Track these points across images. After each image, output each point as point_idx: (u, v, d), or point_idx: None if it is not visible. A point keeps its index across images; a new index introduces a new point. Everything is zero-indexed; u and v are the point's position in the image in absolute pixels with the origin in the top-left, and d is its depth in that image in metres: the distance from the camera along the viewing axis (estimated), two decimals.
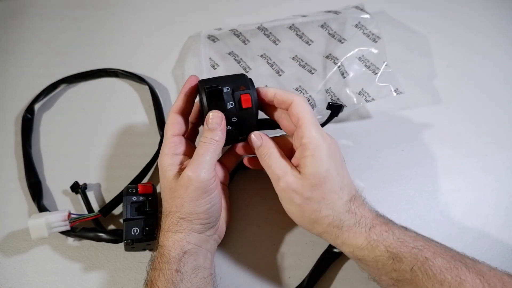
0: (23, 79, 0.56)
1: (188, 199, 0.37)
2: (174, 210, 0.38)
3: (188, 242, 0.37)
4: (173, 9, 0.61)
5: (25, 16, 0.61)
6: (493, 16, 0.59)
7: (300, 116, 0.37)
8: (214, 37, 0.56)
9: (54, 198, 0.48)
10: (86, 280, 0.44)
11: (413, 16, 0.59)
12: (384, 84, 0.50)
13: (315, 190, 0.36)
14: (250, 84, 0.40)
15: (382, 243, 0.35)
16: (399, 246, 0.34)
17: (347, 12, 0.55)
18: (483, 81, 0.55)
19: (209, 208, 0.37)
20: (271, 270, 0.44)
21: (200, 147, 0.38)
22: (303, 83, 0.52)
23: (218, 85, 0.38)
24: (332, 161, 0.37)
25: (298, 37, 0.55)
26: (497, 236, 0.45)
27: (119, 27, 0.60)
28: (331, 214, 0.36)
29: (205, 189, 0.37)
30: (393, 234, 0.35)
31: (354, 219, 0.36)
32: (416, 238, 0.35)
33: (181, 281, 0.35)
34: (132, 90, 0.55)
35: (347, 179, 0.38)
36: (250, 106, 0.39)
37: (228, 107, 0.38)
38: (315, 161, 0.36)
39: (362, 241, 0.35)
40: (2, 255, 0.45)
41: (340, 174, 0.37)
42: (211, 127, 0.38)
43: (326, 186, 0.36)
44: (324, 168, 0.36)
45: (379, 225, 0.36)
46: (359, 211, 0.36)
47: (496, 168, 0.49)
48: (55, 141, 0.52)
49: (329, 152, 0.37)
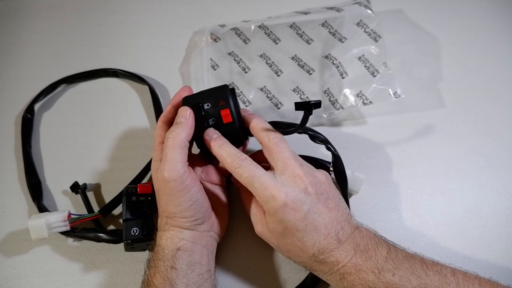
0: (23, 79, 0.56)
1: (168, 199, 0.37)
2: (161, 210, 0.39)
3: (180, 239, 0.37)
4: (174, 8, 0.61)
5: (25, 16, 0.61)
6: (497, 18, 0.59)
7: (270, 160, 0.38)
8: (216, 36, 0.56)
9: (54, 198, 0.48)
10: (86, 280, 0.44)
11: (419, 18, 0.59)
12: (383, 87, 0.49)
13: (281, 242, 0.37)
14: (230, 97, 0.40)
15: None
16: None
17: (349, 9, 0.54)
18: (484, 82, 0.55)
19: (192, 204, 0.37)
20: (271, 270, 0.44)
21: (166, 145, 0.37)
22: (300, 85, 0.52)
23: (199, 103, 0.39)
24: (290, 219, 0.35)
25: (298, 36, 0.55)
26: (497, 236, 0.45)
27: (119, 26, 0.60)
28: (303, 261, 0.37)
29: (181, 186, 0.36)
30: (364, 281, 0.34)
31: (325, 267, 0.36)
32: (394, 272, 0.33)
33: (176, 277, 0.35)
34: (132, 90, 0.55)
35: (315, 228, 0.35)
36: (231, 121, 0.39)
37: (210, 123, 0.39)
38: (272, 220, 0.36)
39: (336, 285, 0.36)
40: (2, 255, 0.45)
41: (301, 229, 0.35)
42: (178, 121, 0.38)
43: (287, 240, 0.36)
44: (281, 227, 0.36)
45: (348, 274, 0.34)
46: (330, 259, 0.35)
47: (496, 168, 0.49)
48: (55, 141, 0.52)
49: (285, 211, 0.35)
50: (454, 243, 0.45)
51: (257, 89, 0.52)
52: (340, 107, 0.50)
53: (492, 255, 0.44)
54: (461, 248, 0.45)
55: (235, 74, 0.54)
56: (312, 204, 0.36)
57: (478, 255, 0.44)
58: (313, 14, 0.55)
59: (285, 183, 0.36)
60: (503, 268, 0.44)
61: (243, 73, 0.54)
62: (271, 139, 0.38)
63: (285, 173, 0.36)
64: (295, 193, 0.35)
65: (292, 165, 0.37)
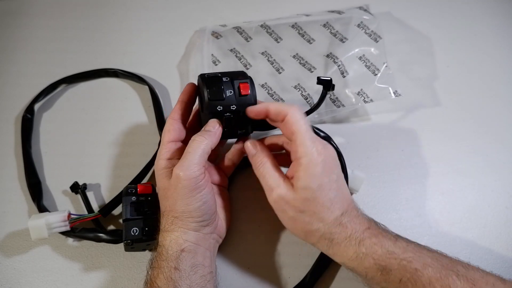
0: (23, 79, 0.56)
1: (179, 197, 0.37)
2: (168, 209, 0.38)
3: (185, 240, 0.37)
4: (175, 7, 0.61)
5: (25, 16, 0.61)
6: (496, 18, 0.59)
7: (294, 130, 0.37)
8: (217, 34, 0.56)
9: (54, 198, 0.48)
10: (86, 280, 0.44)
11: (417, 17, 0.59)
12: (384, 85, 0.50)
13: (307, 204, 0.36)
14: (249, 77, 0.41)
15: (371, 256, 0.35)
16: (388, 259, 0.34)
17: (350, 12, 0.55)
18: (483, 81, 0.55)
19: (201, 205, 0.38)
20: (271, 270, 0.44)
21: (190, 146, 0.38)
22: (302, 82, 0.52)
23: (219, 73, 0.40)
24: (325, 176, 0.37)
25: (300, 36, 0.55)
26: (497, 236, 0.45)
27: (119, 27, 0.60)
28: (322, 227, 0.37)
29: (194, 186, 0.37)
30: (382, 246, 0.35)
31: (344, 233, 0.36)
32: (406, 249, 0.35)
33: (179, 278, 0.35)
34: (132, 90, 0.55)
35: (342, 193, 0.38)
36: (249, 94, 0.39)
37: (227, 95, 0.39)
38: (308, 176, 0.36)
39: (351, 254, 0.36)
40: (2, 255, 0.45)
41: (333, 189, 0.37)
42: (207, 129, 0.39)
43: (318, 200, 0.36)
44: (316, 183, 0.36)
45: (369, 238, 0.36)
46: (351, 225, 0.36)
47: (496, 168, 0.49)
48: (55, 141, 0.52)
49: (323, 167, 0.36)
50: (454, 243, 0.45)
51: (258, 86, 0.53)
52: (341, 105, 0.50)
53: (492, 255, 0.44)
54: (461, 248, 0.45)
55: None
56: (340, 172, 0.39)
57: (478, 255, 0.44)
58: (314, 16, 0.56)
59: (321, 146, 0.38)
60: (503, 268, 0.44)
61: (244, 69, 0.54)
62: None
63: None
64: (334, 155, 0.38)
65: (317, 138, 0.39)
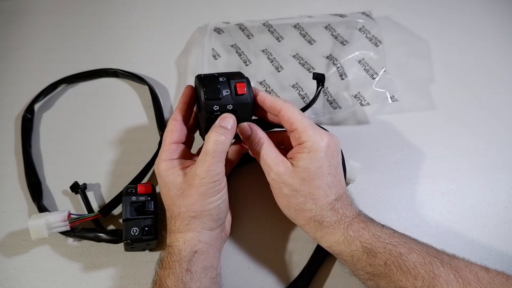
0: (23, 79, 0.56)
1: (200, 197, 0.37)
2: (184, 210, 0.38)
3: (199, 241, 0.37)
4: (175, 8, 0.61)
5: (25, 16, 0.61)
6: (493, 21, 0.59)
7: (293, 121, 0.38)
8: (220, 30, 0.57)
9: (54, 198, 0.48)
10: (86, 280, 0.44)
11: (416, 22, 0.59)
12: (381, 90, 0.50)
13: (304, 184, 0.37)
14: (245, 77, 0.41)
15: (358, 239, 0.36)
16: (374, 242, 0.35)
17: (352, 16, 0.56)
18: (482, 82, 0.55)
19: (220, 203, 0.38)
20: (271, 269, 0.44)
21: (208, 144, 0.37)
22: (300, 81, 0.52)
23: (215, 73, 0.40)
24: (326, 161, 0.38)
25: (302, 36, 0.55)
26: (497, 236, 0.45)
27: (119, 27, 0.60)
28: (314, 209, 0.37)
29: (216, 184, 0.37)
30: (369, 231, 0.36)
31: (335, 216, 0.37)
32: (392, 235, 0.36)
33: (190, 280, 0.35)
34: (132, 90, 0.55)
35: (339, 180, 0.39)
36: (245, 93, 0.39)
37: (223, 94, 0.39)
38: (310, 157, 0.37)
39: (339, 237, 0.36)
40: (2, 255, 0.45)
41: (332, 174, 0.38)
42: (224, 125, 0.38)
43: (315, 182, 0.37)
44: (316, 165, 0.37)
45: (357, 223, 0.37)
46: (342, 210, 0.37)
47: (496, 168, 0.49)
48: (55, 141, 0.52)
49: (326, 152, 0.38)
50: (454, 243, 0.45)
51: (256, 82, 0.53)
52: (337, 107, 0.50)
53: (492, 255, 0.44)
54: (461, 248, 0.45)
55: (236, 66, 0.55)
56: (340, 160, 0.40)
57: (478, 255, 0.44)
58: (317, 18, 0.56)
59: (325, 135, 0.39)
60: (503, 268, 0.43)
61: (244, 65, 0.55)
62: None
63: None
64: (338, 143, 0.40)
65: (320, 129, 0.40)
